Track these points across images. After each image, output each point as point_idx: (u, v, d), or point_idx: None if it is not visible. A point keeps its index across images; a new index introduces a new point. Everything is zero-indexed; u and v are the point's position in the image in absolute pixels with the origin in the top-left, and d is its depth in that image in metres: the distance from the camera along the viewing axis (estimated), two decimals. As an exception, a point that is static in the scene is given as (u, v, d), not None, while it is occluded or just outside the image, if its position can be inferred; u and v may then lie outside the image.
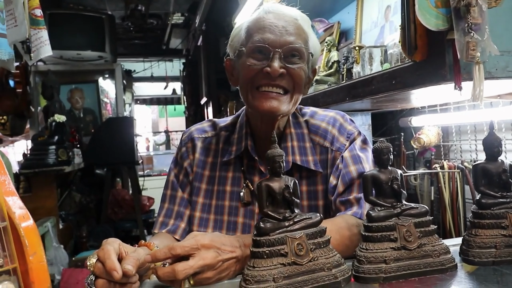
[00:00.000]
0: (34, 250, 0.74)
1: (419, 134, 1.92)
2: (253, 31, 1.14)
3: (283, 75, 1.11)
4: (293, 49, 1.11)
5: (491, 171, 1.03)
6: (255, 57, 1.13)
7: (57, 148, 3.28)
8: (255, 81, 1.14)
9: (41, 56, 2.35)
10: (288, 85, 1.13)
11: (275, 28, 1.11)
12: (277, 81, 1.12)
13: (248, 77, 1.14)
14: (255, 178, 1.24)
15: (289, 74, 1.12)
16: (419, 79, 1.02)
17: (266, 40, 1.11)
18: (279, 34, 1.11)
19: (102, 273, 0.87)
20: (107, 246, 0.91)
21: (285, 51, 1.11)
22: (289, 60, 1.12)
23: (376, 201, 0.99)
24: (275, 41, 1.11)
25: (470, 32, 0.86)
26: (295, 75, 1.13)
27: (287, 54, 1.11)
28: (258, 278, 0.84)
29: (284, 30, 1.11)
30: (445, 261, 0.95)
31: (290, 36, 1.12)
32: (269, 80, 1.11)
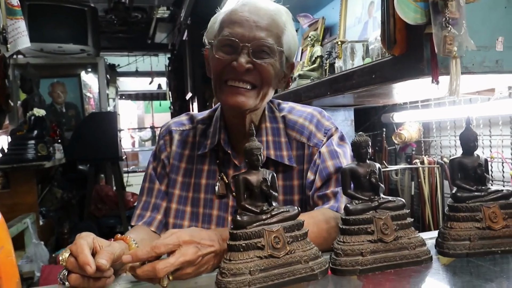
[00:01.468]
0: (1, 244, 0.72)
1: (400, 129, 1.94)
2: (226, 24, 1.13)
3: (250, 70, 1.11)
4: (262, 45, 1.11)
5: (467, 165, 1.05)
6: (224, 50, 1.12)
7: (36, 143, 3.21)
8: (223, 75, 1.14)
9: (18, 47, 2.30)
10: (255, 80, 1.13)
11: (246, 22, 1.10)
12: (244, 76, 1.11)
13: (216, 70, 1.15)
14: (230, 171, 1.24)
15: (256, 70, 1.12)
16: (398, 73, 1.03)
17: (236, 35, 1.10)
18: (249, 29, 1.10)
19: (75, 267, 0.85)
20: (80, 240, 0.89)
21: (254, 46, 1.10)
22: (258, 56, 1.11)
23: (354, 194, 1.00)
24: (245, 36, 1.10)
25: (448, 27, 0.86)
26: (263, 70, 1.12)
27: (256, 50, 1.11)
28: (234, 271, 0.83)
29: (255, 25, 1.11)
30: (421, 253, 0.96)
31: (260, 31, 1.11)
32: (236, 74, 1.11)
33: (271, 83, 1.16)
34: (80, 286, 0.86)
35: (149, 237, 1.20)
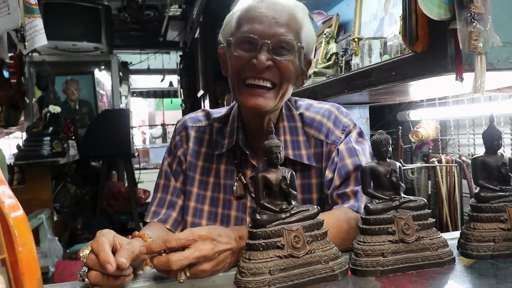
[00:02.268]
0: (23, 240, 0.72)
1: (417, 127, 1.91)
2: (243, 20, 1.11)
3: (270, 67, 1.09)
4: (282, 41, 1.09)
5: (491, 164, 1.02)
6: (243, 48, 1.10)
7: (51, 139, 3.25)
8: (241, 73, 1.11)
9: (36, 45, 2.32)
10: (275, 78, 1.11)
11: (265, 18, 1.08)
12: (264, 74, 1.09)
13: (235, 68, 1.12)
14: (248, 171, 1.22)
15: (276, 67, 1.10)
16: (420, 70, 1.00)
17: (255, 31, 1.08)
18: (268, 25, 1.08)
19: (96, 265, 0.85)
20: (102, 237, 0.89)
21: (273, 43, 1.08)
22: (278, 52, 1.09)
23: (374, 193, 0.98)
24: (264, 32, 1.08)
25: (473, 22, 0.84)
26: (282, 67, 1.10)
27: (276, 46, 1.09)
28: (254, 270, 0.82)
29: (274, 21, 1.09)
30: (443, 254, 0.94)
31: (280, 27, 1.09)
32: (255, 72, 1.09)
33: (290, 80, 1.14)
34: (99, 283, 0.86)
35: (165, 235, 1.20)
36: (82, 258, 0.88)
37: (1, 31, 2.16)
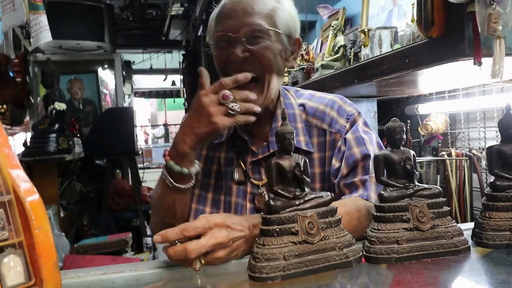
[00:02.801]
0: (40, 224, 0.71)
1: (426, 121, 1.90)
2: (217, 21, 1.14)
3: (248, 59, 1.10)
4: (253, 31, 1.09)
5: (507, 153, 1.00)
6: (220, 46, 1.13)
7: (57, 136, 3.26)
8: (226, 71, 1.13)
9: (40, 41, 2.32)
10: (256, 68, 1.11)
11: (233, 13, 1.10)
12: (245, 66, 1.10)
13: (219, 68, 1.15)
14: (248, 158, 1.23)
15: (254, 57, 1.10)
16: (435, 56, 0.99)
17: (226, 28, 1.10)
18: (237, 18, 1.09)
19: None
20: None
21: (245, 34, 1.09)
22: (252, 42, 1.09)
23: (388, 181, 0.97)
24: (234, 27, 1.09)
25: (492, 4, 0.83)
26: (259, 56, 1.10)
27: (249, 37, 1.09)
28: (269, 256, 0.81)
29: (243, 13, 1.09)
30: (459, 243, 0.93)
31: (249, 17, 1.09)
32: (236, 67, 1.10)
33: (273, 67, 1.13)
34: None
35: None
36: None
37: (7, 27, 2.16)
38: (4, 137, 0.79)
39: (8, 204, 0.71)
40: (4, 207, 0.70)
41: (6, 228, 0.69)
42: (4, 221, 0.70)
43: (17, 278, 0.69)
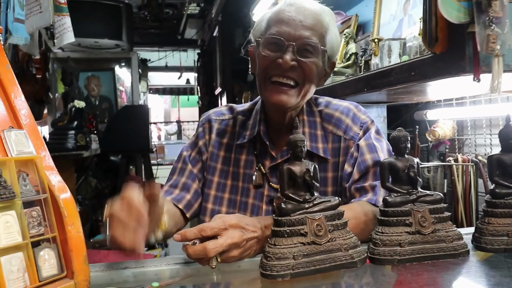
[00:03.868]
0: (72, 221, 0.79)
1: (434, 127, 1.94)
2: (272, 22, 1.19)
3: (294, 68, 1.16)
4: (306, 44, 1.15)
5: (506, 162, 1.06)
6: (270, 48, 1.18)
7: (76, 133, 3.37)
8: (268, 71, 1.19)
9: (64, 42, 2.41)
10: (298, 78, 1.18)
11: (292, 21, 1.15)
12: (288, 73, 1.16)
13: (262, 66, 1.20)
14: (267, 162, 1.29)
15: (300, 67, 1.16)
16: (438, 70, 1.05)
17: (282, 33, 1.15)
18: (295, 28, 1.15)
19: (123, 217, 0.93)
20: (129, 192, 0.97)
21: (298, 44, 1.15)
22: (302, 54, 1.16)
23: (392, 187, 1.03)
24: (290, 35, 1.15)
25: (491, 26, 0.88)
26: (306, 68, 1.17)
27: (301, 48, 1.15)
28: (279, 255, 0.88)
29: (301, 25, 1.15)
30: (458, 246, 0.99)
31: (306, 30, 1.15)
32: (280, 71, 1.16)
33: (313, 80, 1.20)
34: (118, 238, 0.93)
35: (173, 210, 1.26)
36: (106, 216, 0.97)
37: (33, 28, 2.26)
38: (40, 141, 0.88)
39: (44, 202, 0.79)
40: (41, 205, 0.79)
41: (42, 224, 0.78)
42: (40, 217, 0.78)
43: (51, 270, 0.77)
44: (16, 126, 0.84)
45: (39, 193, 0.79)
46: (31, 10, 2.22)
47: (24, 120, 0.86)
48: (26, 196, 0.76)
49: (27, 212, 0.76)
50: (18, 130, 0.83)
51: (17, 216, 0.74)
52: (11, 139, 0.80)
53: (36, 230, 0.77)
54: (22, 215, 0.75)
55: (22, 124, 0.85)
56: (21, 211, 0.75)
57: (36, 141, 0.86)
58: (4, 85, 0.87)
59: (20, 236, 0.73)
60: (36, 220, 0.77)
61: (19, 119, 0.86)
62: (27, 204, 0.76)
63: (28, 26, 2.25)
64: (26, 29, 2.26)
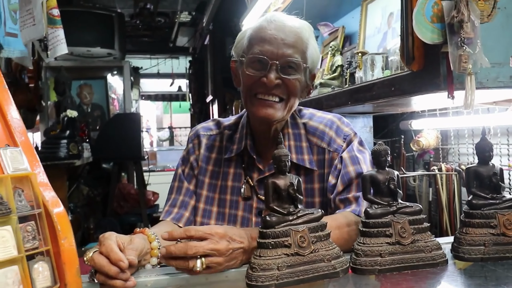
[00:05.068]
0: (65, 234, 0.82)
1: (418, 137, 2.00)
2: (254, 41, 1.23)
3: (278, 85, 1.20)
4: (289, 62, 1.20)
5: (483, 174, 1.10)
6: (254, 67, 1.22)
7: (68, 142, 3.39)
8: (253, 89, 1.23)
9: (57, 54, 2.45)
10: (283, 94, 1.22)
11: (274, 40, 1.19)
12: (273, 91, 1.21)
13: (247, 85, 1.24)
14: (254, 174, 1.33)
15: (284, 84, 1.21)
16: (416, 87, 1.10)
17: (265, 52, 1.19)
18: (277, 46, 1.19)
19: (103, 267, 0.92)
20: (107, 240, 0.97)
21: (281, 63, 1.19)
22: (285, 71, 1.20)
23: (373, 199, 1.07)
24: (273, 53, 1.19)
25: (463, 46, 0.93)
26: (290, 85, 1.21)
27: (284, 66, 1.20)
28: (264, 266, 0.92)
29: (282, 43, 1.19)
30: (437, 256, 1.03)
31: (288, 48, 1.19)
32: (265, 89, 1.21)
33: (296, 95, 1.25)
34: (106, 282, 0.93)
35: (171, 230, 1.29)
36: (86, 261, 0.97)
37: (27, 40, 2.29)
38: (35, 157, 0.91)
39: (39, 217, 0.82)
40: (35, 219, 0.82)
41: (36, 238, 0.81)
42: (35, 231, 0.81)
43: (45, 282, 0.80)
44: (11, 143, 0.88)
45: (33, 208, 0.82)
46: (25, 22, 2.25)
47: (19, 138, 0.90)
48: (21, 211, 0.80)
49: (22, 227, 0.79)
50: (13, 147, 0.87)
51: (12, 230, 0.77)
52: (7, 157, 0.84)
53: (31, 244, 0.80)
54: (18, 230, 0.78)
55: (17, 141, 0.89)
56: (16, 226, 0.78)
57: (31, 158, 0.90)
58: (0, 104, 0.91)
59: (15, 250, 0.77)
60: (31, 234, 0.80)
61: (15, 137, 0.89)
62: (22, 219, 0.80)
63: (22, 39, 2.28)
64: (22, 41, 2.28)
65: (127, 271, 0.93)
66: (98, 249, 0.97)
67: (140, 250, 1.01)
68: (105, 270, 0.92)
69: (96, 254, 0.95)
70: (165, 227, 1.29)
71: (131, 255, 0.96)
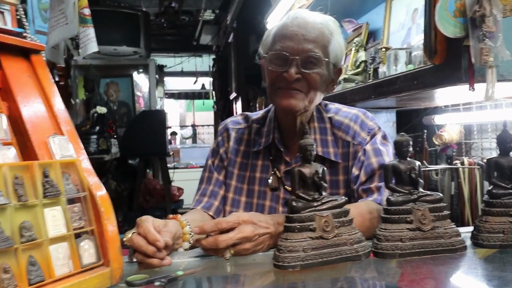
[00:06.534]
0: (108, 215, 0.90)
1: (441, 131, 2.01)
2: (277, 38, 1.28)
3: (299, 79, 1.25)
4: (309, 57, 1.24)
5: (503, 164, 1.13)
6: (276, 62, 1.27)
7: (98, 137, 3.52)
8: (275, 83, 1.29)
9: (88, 52, 2.56)
10: (303, 88, 1.27)
11: (295, 36, 1.24)
12: (294, 84, 1.26)
13: (270, 79, 1.30)
14: (282, 166, 1.38)
15: (305, 78, 1.25)
16: (438, 80, 1.14)
17: (286, 49, 1.25)
18: (298, 42, 1.24)
19: (141, 246, 0.99)
20: (145, 223, 1.03)
21: (302, 58, 1.24)
22: (306, 66, 1.25)
23: (395, 188, 1.11)
24: (294, 49, 1.24)
25: (484, 40, 0.96)
26: (310, 79, 1.26)
27: (304, 61, 1.24)
28: (290, 248, 0.98)
29: (303, 38, 1.24)
30: (456, 242, 1.06)
31: (308, 44, 1.24)
32: (286, 83, 1.26)
33: (318, 89, 1.29)
34: (144, 261, 1.00)
35: (201, 218, 1.35)
36: (125, 241, 1.04)
37: (59, 39, 2.41)
38: (79, 145, 1.00)
39: (84, 199, 0.90)
40: (81, 202, 0.90)
41: (82, 219, 0.89)
42: (81, 213, 0.89)
43: (91, 258, 0.88)
44: (58, 132, 0.96)
45: (79, 191, 0.90)
46: (58, 21, 2.37)
47: (65, 127, 0.98)
48: (69, 194, 0.88)
49: (70, 208, 0.87)
50: (60, 136, 0.95)
51: (62, 211, 0.85)
52: (56, 144, 0.92)
53: (78, 224, 0.88)
54: (66, 210, 0.86)
55: (63, 130, 0.97)
56: (65, 206, 0.86)
57: (75, 145, 0.98)
58: (48, 97, 0.99)
59: (65, 228, 0.85)
60: (78, 214, 0.88)
61: (61, 126, 0.98)
62: (70, 201, 0.88)
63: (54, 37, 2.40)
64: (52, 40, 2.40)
65: (163, 250, 1.00)
66: (136, 230, 1.04)
67: (174, 233, 1.07)
68: (143, 249, 0.98)
69: (135, 235, 1.02)
70: (196, 215, 1.36)
71: (166, 236, 1.02)
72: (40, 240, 0.80)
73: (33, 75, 1.03)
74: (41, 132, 0.94)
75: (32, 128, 0.93)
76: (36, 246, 0.79)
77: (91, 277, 0.85)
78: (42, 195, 0.82)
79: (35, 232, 0.79)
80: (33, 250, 0.78)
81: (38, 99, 0.99)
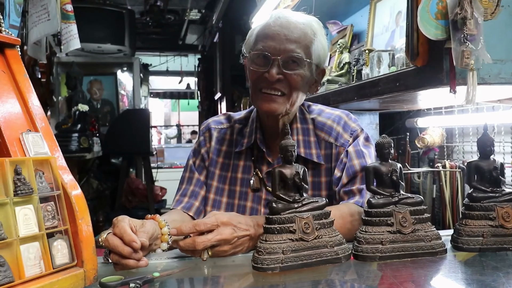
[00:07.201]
0: (82, 215, 0.87)
1: (423, 134, 2.03)
2: (259, 38, 1.27)
3: (280, 80, 1.24)
4: (291, 57, 1.23)
5: (483, 168, 1.14)
6: (257, 62, 1.26)
7: (79, 136, 3.46)
8: (257, 84, 1.27)
9: (70, 48, 2.51)
10: (285, 88, 1.26)
11: (277, 36, 1.23)
12: (275, 85, 1.24)
13: (252, 79, 1.29)
14: (264, 167, 1.37)
15: (286, 79, 1.24)
16: (420, 82, 1.14)
17: (267, 48, 1.24)
18: (279, 42, 1.23)
19: (116, 247, 0.96)
20: (121, 223, 1.01)
21: (283, 58, 1.23)
22: (287, 67, 1.24)
23: (376, 190, 1.11)
24: (275, 49, 1.23)
25: (466, 42, 0.97)
26: (291, 80, 1.25)
27: (286, 61, 1.23)
28: (269, 250, 0.96)
29: (285, 39, 1.23)
30: (436, 245, 1.06)
31: (290, 44, 1.23)
32: (268, 83, 1.25)
33: (299, 89, 1.28)
34: (120, 262, 0.98)
35: (180, 218, 1.33)
36: (100, 242, 1.01)
37: (41, 35, 2.35)
38: (54, 143, 0.97)
39: (58, 198, 0.87)
40: (55, 200, 0.87)
41: (56, 218, 0.86)
42: (54, 211, 0.86)
43: (64, 259, 0.85)
44: (33, 129, 0.93)
45: (53, 189, 0.87)
46: (39, 17, 2.31)
47: (40, 124, 0.95)
48: (42, 192, 0.85)
49: (43, 207, 0.84)
50: (34, 132, 0.92)
51: (34, 209, 0.82)
52: (29, 141, 0.89)
53: (51, 223, 0.85)
54: (39, 209, 0.83)
55: (38, 127, 0.94)
56: (38, 205, 0.83)
57: (50, 142, 0.95)
58: (22, 92, 0.96)
59: (37, 228, 0.82)
60: (51, 213, 0.85)
61: (36, 122, 0.94)
62: (43, 199, 0.85)
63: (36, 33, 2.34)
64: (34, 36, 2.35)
65: (139, 251, 0.97)
66: (112, 230, 1.01)
67: (151, 233, 1.05)
68: (119, 250, 0.96)
69: (110, 235, 0.99)
70: (175, 216, 1.34)
71: (143, 237, 1.00)
72: (10, 240, 0.77)
73: (8, 70, 0.99)
74: (15, 128, 0.90)
75: (5, 124, 0.90)
76: (6, 246, 0.77)
77: (64, 278, 0.82)
78: (13, 193, 0.79)
79: (5, 231, 0.76)
80: (2, 249, 0.76)
81: (12, 94, 0.96)
